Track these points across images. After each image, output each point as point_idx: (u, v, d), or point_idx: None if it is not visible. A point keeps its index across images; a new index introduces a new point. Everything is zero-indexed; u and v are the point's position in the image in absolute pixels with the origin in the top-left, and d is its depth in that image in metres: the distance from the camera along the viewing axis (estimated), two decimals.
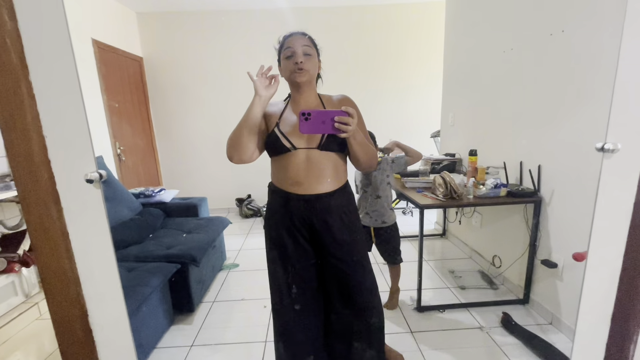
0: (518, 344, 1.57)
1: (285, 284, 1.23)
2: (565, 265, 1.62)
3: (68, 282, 0.79)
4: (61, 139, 0.73)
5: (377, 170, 1.69)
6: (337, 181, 1.16)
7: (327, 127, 0.96)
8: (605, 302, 0.87)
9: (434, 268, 2.39)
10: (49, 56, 0.70)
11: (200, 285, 2.02)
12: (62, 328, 0.83)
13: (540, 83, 1.73)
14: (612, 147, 0.76)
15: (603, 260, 0.84)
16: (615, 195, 0.81)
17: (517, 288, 1.97)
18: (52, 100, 0.71)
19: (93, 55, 2.78)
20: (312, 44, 1.13)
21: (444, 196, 1.80)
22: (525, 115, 1.86)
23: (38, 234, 0.75)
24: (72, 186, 0.74)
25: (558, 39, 1.59)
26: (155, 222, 2.33)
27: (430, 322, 1.77)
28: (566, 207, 1.61)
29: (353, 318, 1.25)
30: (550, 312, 1.72)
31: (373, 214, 1.74)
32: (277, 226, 1.20)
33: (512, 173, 1.99)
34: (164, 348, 1.66)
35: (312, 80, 1.16)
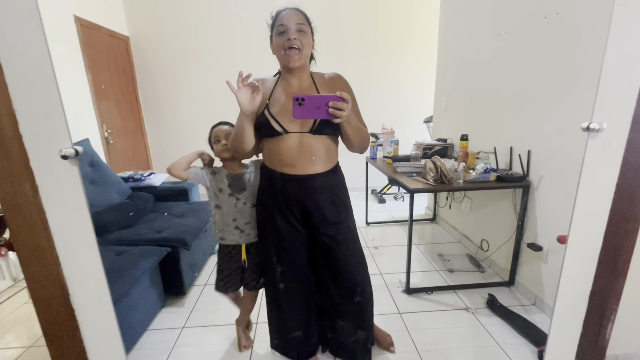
0: (502, 324, 1.62)
1: (276, 262, 1.25)
2: (550, 249, 1.65)
3: (47, 262, 0.77)
4: (33, 113, 0.69)
5: (251, 173, 1.36)
6: (329, 162, 1.16)
7: (321, 113, 0.94)
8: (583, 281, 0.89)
9: (423, 252, 2.42)
10: (16, 25, 0.65)
11: (191, 269, 2.02)
12: (43, 308, 0.82)
13: (533, 67, 1.71)
14: (598, 126, 0.76)
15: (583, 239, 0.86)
16: (599, 175, 0.82)
17: (503, 271, 2.02)
18: (21, 71, 0.67)
19: (76, 34, 2.67)
20: (306, 21, 1.08)
21: (435, 180, 1.80)
22: (517, 100, 1.85)
23: (13, 212, 0.73)
24: (47, 162, 0.72)
25: (552, 22, 1.56)
26: (145, 205, 2.30)
27: (418, 304, 1.80)
28: (553, 192, 1.63)
29: (341, 296, 1.28)
30: (534, 294, 1.76)
31: (247, 227, 1.35)
32: (269, 205, 1.20)
33: (502, 158, 2.00)
34: (155, 330, 1.67)
35: (306, 62, 1.13)
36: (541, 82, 1.66)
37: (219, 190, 1.34)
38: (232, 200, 1.34)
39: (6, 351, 1.55)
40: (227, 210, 1.34)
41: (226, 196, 1.34)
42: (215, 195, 1.35)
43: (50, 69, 0.67)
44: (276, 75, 1.19)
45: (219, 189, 1.34)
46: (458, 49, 2.52)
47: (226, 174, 1.35)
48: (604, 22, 1.31)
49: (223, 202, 1.34)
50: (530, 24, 1.71)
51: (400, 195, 3.79)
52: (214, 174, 1.35)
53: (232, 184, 1.34)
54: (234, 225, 1.36)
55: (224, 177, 1.35)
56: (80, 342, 0.85)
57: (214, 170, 1.36)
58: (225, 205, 1.34)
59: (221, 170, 1.36)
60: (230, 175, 1.35)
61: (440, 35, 2.81)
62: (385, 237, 2.73)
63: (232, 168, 1.36)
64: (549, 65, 1.60)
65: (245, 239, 1.38)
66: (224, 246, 1.41)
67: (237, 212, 1.35)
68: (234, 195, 1.34)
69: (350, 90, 1.16)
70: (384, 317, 1.68)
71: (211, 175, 1.35)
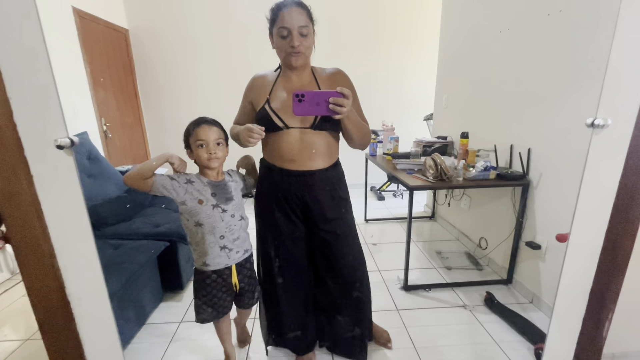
0: (499, 322, 1.62)
1: (274, 258, 1.24)
2: (548, 247, 1.65)
3: (42, 253, 0.76)
4: (28, 101, 0.68)
5: (236, 182, 1.19)
6: (330, 158, 1.15)
7: (321, 109, 0.93)
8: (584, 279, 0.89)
9: (421, 249, 2.42)
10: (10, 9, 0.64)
11: (189, 264, 2.02)
12: (38, 300, 0.81)
13: (535, 65, 1.70)
14: (602, 122, 0.75)
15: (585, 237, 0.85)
16: (602, 172, 0.81)
17: (501, 269, 2.02)
18: (15, 59, 0.66)
19: (74, 25, 2.64)
20: (309, 19, 1.04)
21: (434, 178, 1.80)
22: (518, 97, 1.84)
23: (8, 203, 0.72)
24: (42, 152, 0.70)
25: (555, 19, 1.55)
26: (143, 199, 2.29)
27: (416, 301, 1.80)
28: (553, 191, 1.62)
29: (340, 292, 1.28)
30: (532, 292, 1.77)
31: (235, 245, 1.16)
32: (268, 201, 1.19)
33: (502, 156, 1.99)
34: (153, 324, 1.67)
35: (307, 60, 1.11)
36: (543, 79, 1.65)
37: (199, 202, 1.08)
38: (217, 213, 1.10)
39: (3, 344, 1.55)
40: (212, 226, 1.10)
41: (209, 209, 1.09)
42: (194, 209, 1.08)
43: (45, 55, 0.66)
44: (277, 70, 1.18)
45: (198, 200, 1.08)
46: (459, 46, 2.50)
47: (207, 182, 1.11)
48: (607, 20, 1.29)
49: (206, 217, 1.09)
50: (533, 21, 1.69)
51: (399, 192, 3.79)
52: (190, 183, 1.08)
53: (216, 193, 1.11)
54: (221, 245, 1.12)
55: (204, 186, 1.10)
56: (76, 334, 0.84)
57: (189, 178, 1.10)
58: (208, 221, 1.09)
59: (199, 178, 1.11)
60: (213, 183, 1.12)
61: (441, 31, 2.79)
62: (383, 234, 2.73)
63: (214, 175, 1.14)
64: (551, 63, 1.59)
65: (234, 259, 1.16)
66: (205, 272, 1.15)
67: (225, 228, 1.11)
68: (220, 206, 1.10)
69: (352, 86, 1.15)
70: (382, 314, 1.68)
71: (186, 185, 1.08)
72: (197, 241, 1.12)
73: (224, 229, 1.12)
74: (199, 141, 1.06)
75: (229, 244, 1.14)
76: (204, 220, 1.09)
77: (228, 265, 1.16)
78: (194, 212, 1.09)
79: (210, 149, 1.07)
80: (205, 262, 1.13)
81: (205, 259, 1.12)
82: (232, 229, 1.14)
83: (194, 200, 1.08)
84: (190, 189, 1.08)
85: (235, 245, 1.16)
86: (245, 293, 1.25)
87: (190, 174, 1.12)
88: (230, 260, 1.16)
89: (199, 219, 1.09)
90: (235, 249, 1.16)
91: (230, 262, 1.16)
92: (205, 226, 1.09)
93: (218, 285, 1.17)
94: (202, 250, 1.12)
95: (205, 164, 1.09)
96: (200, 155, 1.07)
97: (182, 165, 1.11)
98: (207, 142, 1.06)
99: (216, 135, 1.08)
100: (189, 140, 1.10)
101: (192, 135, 1.08)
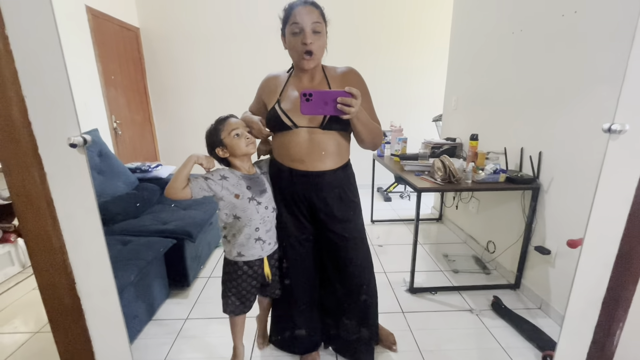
0: (506, 327, 1.60)
1: (282, 258, 1.24)
2: (558, 252, 1.62)
3: (53, 250, 0.77)
4: (42, 99, 0.69)
5: (265, 173, 1.22)
6: (340, 159, 1.14)
7: (329, 109, 0.92)
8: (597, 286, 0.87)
9: (428, 252, 2.40)
10: (26, 8, 0.65)
11: (196, 261, 2.03)
12: (49, 296, 0.83)
13: (548, 67, 1.67)
14: (620, 127, 0.73)
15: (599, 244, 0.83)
16: (618, 178, 0.79)
17: (509, 273, 1.99)
18: (31, 57, 0.67)
19: (87, 24, 2.68)
20: (322, 17, 1.03)
21: (443, 180, 1.78)
22: (530, 100, 1.81)
23: (21, 199, 0.73)
24: (55, 150, 0.72)
25: (570, 20, 1.52)
26: (152, 197, 2.32)
27: (422, 304, 1.79)
28: (564, 195, 1.59)
29: (347, 294, 1.27)
30: (540, 297, 1.74)
31: (267, 236, 1.19)
32: (277, 200, 1.19)
33: (512, 159, 1.96)
34: (159, 320, 1.68)
35: (319, 61, 1.10)
36: (555, 82, 1.62)
37: (235, 196, 1.11)
38: (253, 206, 1.12)
39: (14, 336, 1.58)
40: (248, 219, 1.13)
41: (246, 202, 1.11)
42: (232, 204, 1.12)
43: (60, 55, 0.66)
44: (289, 70, 1.17)
45: (234, 195, 1.11)
46: (470, 47, 2.47)
47: (241, 176, 1.14)
48: (624, 23, 1.26)
49: (243, 211, 1.12)
50: (547, 22, 1.66)
51: (406, 193, 3.76)
52: (224, 179, 1.11)
53: (251, 186, 1.13)
54: (255, 237, 1.15)
55: (239, 180, 1.13)
56: (85, 330, 0.86)
57: (222, 174, 1.12)
58: (245, 214, 1.12)
59: (233, 173, 1.14)
60: (247, 177, 1.15)
61: (452, 32, 2.76)
62: (390, 235, 2.71)
63: (246, 168, 1.16)
64: (564, 65, 1.56)
65: (267, 250, 1.19)
66: (237, 263, 1.18)
67: (260, 220, 1.14)
68: (255, 199, 1.13)
69: (364, 85, 1.13)
70: (387, 316, 1.67)
71: (221, 181, 1.11)
72: (233, 233, 1.15)
73: (259, 221, 1.15)
74: (235, 131, 1.10)
75: (263, 236, 1.17)
76: (241, 214, 1.12)
77: (261, 256, 1.19)
78: (231, 206, 1.12)
79: (247, 135, 1.12)
80: (240, 252, 1.16)
81: (241, 250, 1.15)
82: (265, 221, 1.16)
83: (230, 195, 1.11)
84: (226, 185, 1.11)
85: (268, 237, 1.19)
86: (273, 283, 1.27)
87: (223, 168, 1.15)
88: (263, 252, 1.18)
89: (237, 212, 1.12)
90: (267, 241, 1.19)
91: (264, 253, 1.19)
92: (242, 219, 1.12)
93: (249, 277, 1.20)
94: (239, 242, 1.15)
95: (244, 151, 1.11)
96: (239, 145, 1.10)
97: (210, 162, 1.12)
98: (239, 129, 1.11)
99: (244, 124, 1.15)
100: (217, 138, 1.11)
101: (223, 130, 1.10)
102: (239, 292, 1.22)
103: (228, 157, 1.13)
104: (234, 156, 1.13)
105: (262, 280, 1.24)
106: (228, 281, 1.22)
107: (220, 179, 1.10)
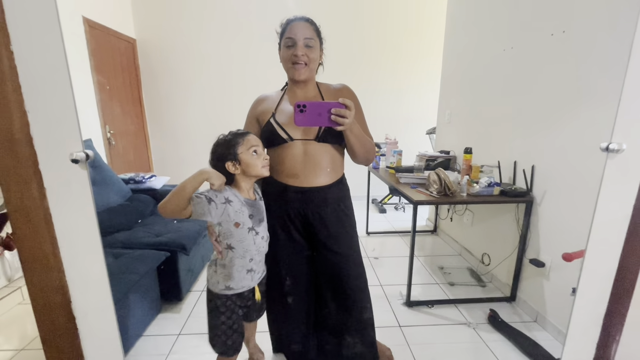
0: (503, 341, 1.60)
1: (277, 275, 1.22)
2: (552, 265, 1.64)
3: (50, 268, 0.75)
4: (45, 115, 0.69)
5: (262, 199, 1.13)
6: (334, 174, 1.14)
7: (323, 120, 0.93)
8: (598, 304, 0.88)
9: (423, 264, 2.41)
10: (33, 24, 0.65)
11: (189, 274, 1.99)
12: (43, 315, 0.80)
13: (539, 83, 1.72)
14: (617, 147, 0.76)
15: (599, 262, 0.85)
16: (616, 196, 0.81)
17: (505, 286, 2.00)
18: (35, 73, 0.67)
19: (84, 34, 2.67)
20: (316, 34, 1.07)
21: (438, 193, 1.80)
22: (522, 115, 1.86)
23: (19, 215, 0.71)
24: (56, 166, 0.70)
25: (559, 39, 1.58)
26: (145, 208, 2.28)
27: (419, 317, 1.78)
28: (557, 208, 1.62)
29: (344, 312, 1.25)
30: (536, 310, 1.75)
31: (259, 266, 1.11)
32: (271, 218, 1.18)
33: (506, 172, 2.00)
34: (150, 336, 1.63)
35: (312, 74, 1.12)
36: (546, 98, 1.67)
37: (235, 225, 0.98)
38: (251, 236, 1.01)
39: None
40: (244, 250, 1.01)
41: (245, 232, 1.00)
42: (228, 232, 0.99)
43: (66, 72, 0.66)
44: (283, 88, 1.19)
45: (234, 223, 0.98)
46: (462, 63, 2.54)
47: (244, 201, 1.01)
48: (612, 42, 1.32)
49: (239, 242, 1.00)
50: (537, 40, 1.72)
51: (400, 205, 3.78)
52: (228, 203, 0.97)
53: (253, 215, 1.02)
54: (247, 268, 1.04)
55: (242, 206, 0.99)
56: (79, 349, 0.82)
57: (227, 197, 0.98)
58: (241, 245, 1.01)
59: (236, 197, 1.00)
60: (250, 202, 1.03)
61: (445, 48, 2.84)
62: (385, 247, 2.71)
63: (249, 193, 1.05)
64: (555, 82, 1.62)
65: (256, 280, 1.10)
66: (225, 296, 1.06)
67: (255, 251, 1.04)
68: (254, 229, 1.02)
69: (357, 101, 1.15)
70: (384, 330, 1.65)
71: (224, 205, 0.96)
72: (223, 264, 1.03)
73: (255, 252, 1.05)
74: (254, 147, 0.99)
75: (255, 266, 1.07)
76: (236, 244, 1.00)
77: (250, 287, 1.09)
78: (227, 234, 1.00)
79: (265, 155, 1.03)
80: (229, 285, 1.04)
81: (230, 283, 1.03)
82: (260, 251, 1.08)
83: (229, 222, 0.98)
84: (228, 210, 0.97)
85: (258, 267, 1.10)
86: (258, 305, 1.21)
87: (230, 189, 1.01)
88: (252, 282, 1.09)
89: (232, 242, 1.00)
90: (257, 270, 1.10)
91: (253, 283, 1.10)
92: (237, 250, 1.01)
93: (236, 307, 1.10)
94: (227, 274, 1.03)
95: (259, 172, 1.01)
96: (256, 164, 0.99)
97: (222, 182, 0.97)
98: (258, 147, 1.00)
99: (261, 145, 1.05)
100: (233, 151, 0.98)
101: (242, 144, 0.99)
102: (230, 327, 1.08)
103: (237, 174, 1.01)
104: (244, 175, 1.02)
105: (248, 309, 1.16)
106: (217, 316, 1.08)
107: (224, 202, 0.96)
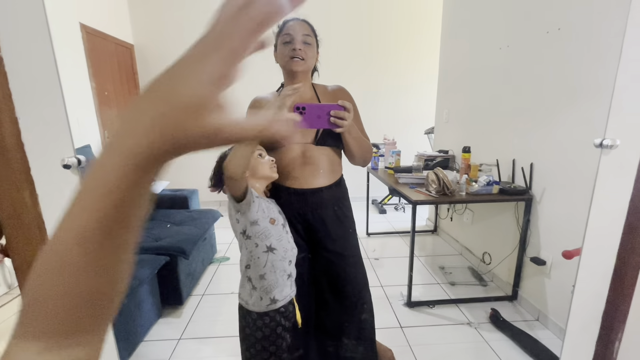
0: (505, 340, 1.58)
1: None
2: (553, 263, 1.63)
3: None
4: (36, 121, 0.69)
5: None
6: (333, 175, 1.14)
7: (322, 122, 0.92)
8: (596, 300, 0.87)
9: (424, 264, 2.40)
10: (23, 31, 0.65)
11: (189, 278, 1.99)
12: None
13: (535, 81, 1.72)
14: (611, 143, 0.75)
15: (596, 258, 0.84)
16: (612, 192, 0.80)
17: (506, 285, 1.99)
18: (26, 79, 0.67)
19: (81, 41, 2.69)
20: (313, 34, 1.08)
21: (437, 192, 1.79)
22: (519, 113, 1.85)
23: (11, 222, 0.71)
24: (48, 172, 0.70)
25: (554, 37, 1.58)
26: None
27: (420, 318, 1.77)
28: (556, 206, 1.61)
29: (344, 313, 1.25)
30: (537, 309, 1.73)
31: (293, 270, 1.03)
32: None
33: (504, 170, 1.99)
34: (151, 341, 1.63)
35: (309, 70, 1.13)
36: (543, 95, 1.67)
37: (271, 221, 0.88)
38: (285, 235, 0.94)
39: None
40: (284, 250, 0.91)
41: (280, 228, 0.91)
42: (267, 230, 0.88)
43: (56, 77, 0.66)
44: (279, 89, 1.19)
45: (270, 219, 0.89)
46: (459, 62, 2.54)
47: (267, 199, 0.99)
48: (607, 39, 1.32)
49: (278, 240, 0.89)
50: (532, 38, 1.72)
51: (400, 206, 3.77)
52: (259, 198, 0.91)
53: (281, 212, 0.97)
54: (288, 272, 0.92)
55: (269, 203, 0.93)
56: None
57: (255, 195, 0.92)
58: (280, 245, 0.90)
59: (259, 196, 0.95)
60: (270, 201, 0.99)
61: (442, 47, 2.84)
62: (385, 248, 2.70)
63: (265, 192, 1.02)
64: (551, 79, 1.61)
65: (294, 287, 0.97)
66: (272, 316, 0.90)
67: (291, 251, 0.95)
68: (286, 226, 0.94)
69: (354, 103, 1.15)
70: (386, 331, 1.64)
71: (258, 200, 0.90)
72: (263, 274, 0.88)
73: (290, 253, 0.95)
74: (257, 151, 0.94)
75: (292, 270, 0.95)
76: (276, 244, 0.89)
77: (291, 296, 0.94)
78: (266, 233, 0.88)
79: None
80: (274, 297, 0.89)
81: (274, 294, 0.88)
82: (294, 252, 0.97)
83: (266, 219, 0.87)
84: (262, 205, 0.87)
85: (293, 271, 0.97)
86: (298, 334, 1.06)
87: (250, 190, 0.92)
88: (292, 291, 0.95)
89: (272, 243, 0.88)
90: (293, 275, 0.97)
91: (292, 292, 0.95)
92: (278, 251, 0.89)
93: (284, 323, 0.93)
94: (270, 284, 0.89)
95: (268, 173, 0.95)
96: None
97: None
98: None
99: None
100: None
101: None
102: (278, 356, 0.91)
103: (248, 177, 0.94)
104: (254, 178, 0.95)
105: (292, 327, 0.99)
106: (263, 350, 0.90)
107: (257, 196, 0.87)
